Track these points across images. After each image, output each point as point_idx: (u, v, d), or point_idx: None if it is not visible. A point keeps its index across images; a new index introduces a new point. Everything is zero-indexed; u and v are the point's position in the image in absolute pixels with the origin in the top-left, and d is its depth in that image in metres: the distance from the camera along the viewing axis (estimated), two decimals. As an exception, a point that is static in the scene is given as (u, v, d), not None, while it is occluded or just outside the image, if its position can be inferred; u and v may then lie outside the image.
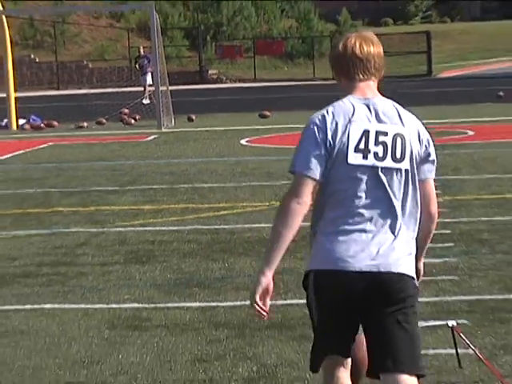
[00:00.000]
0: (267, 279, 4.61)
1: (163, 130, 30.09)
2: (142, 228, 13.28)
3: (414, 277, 4.76)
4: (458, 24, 74.42)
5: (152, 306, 9.23)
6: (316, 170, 4.60)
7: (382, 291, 4.61)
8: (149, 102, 38.31)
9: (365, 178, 4.58)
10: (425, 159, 4.75)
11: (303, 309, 6.49)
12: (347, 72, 4.79)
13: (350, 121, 4.61)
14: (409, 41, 61.33)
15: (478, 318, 8.30)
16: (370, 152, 4.58)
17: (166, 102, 31.61)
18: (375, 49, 4.82)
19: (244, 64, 64.88)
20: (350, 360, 4.95)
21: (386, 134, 4.60)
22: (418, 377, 4.75)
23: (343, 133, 4.59)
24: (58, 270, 10.90)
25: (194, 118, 32.59)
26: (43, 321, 8.82)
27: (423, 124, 4.80)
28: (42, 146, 26.55)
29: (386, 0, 77.94)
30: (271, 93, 47.68)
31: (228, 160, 21.07)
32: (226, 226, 13.08)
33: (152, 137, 28.29)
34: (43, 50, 64.00)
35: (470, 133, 24.46)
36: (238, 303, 9.16)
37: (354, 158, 4.57)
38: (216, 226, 13.10)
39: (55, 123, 33.25)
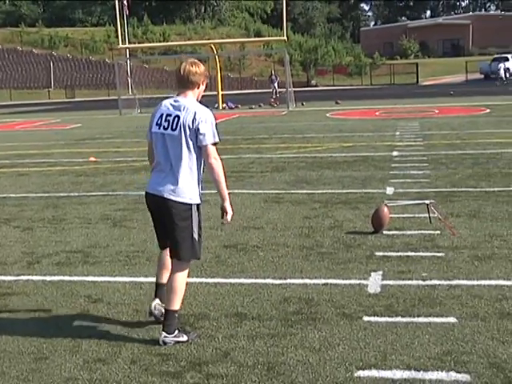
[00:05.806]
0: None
1: (290, 109, 29.46)
2: (279, 155, 13.12)
3: (184, 202, 4.08)
4: (431, 59, 72.35)
5: (283, 191, 9.19)
6: (149, 137, 4.27)
7: (163, 207, 4.11)
8: (275, 97, 37.18)
9: (160, 140, 4.12)
10: (197, 133, 4.03)
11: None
12: (177, 84, 4.20)
13: (158, 109, 4.18)
14: (407, 67, 60.37)
15: (439, 199, 8.05)
16: (161, 125, 4.11)
17: (290, 96, 30.95)
18: (191, 70, 4.13)
19: (329, 78, 63.90)
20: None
21: (170, 115, 4.08)
22: (184, 260, 4.18)
23: (154, 115, 4.18)
24: (239, 174, 10.90)
25: (304, 103, 32.02)
26: (234, 197, 8.84)
27: (205, 112, 4.07)
28: (233, 117, 26.35)
29: (397, 46, 75.93)
30: (341, 92, 46.52)
31: (319, 123, 20.60)
32: (319, 155, 12.90)
33: (284, 112, 27.79)
34: (234, 71, 64.09)
35: (436, 111, 23.54)
36: (325, 191, 9.08)
37: (155, 128, 4.15)
38: (314, 155, 12.92)
39: (239, 106, 33.09)
